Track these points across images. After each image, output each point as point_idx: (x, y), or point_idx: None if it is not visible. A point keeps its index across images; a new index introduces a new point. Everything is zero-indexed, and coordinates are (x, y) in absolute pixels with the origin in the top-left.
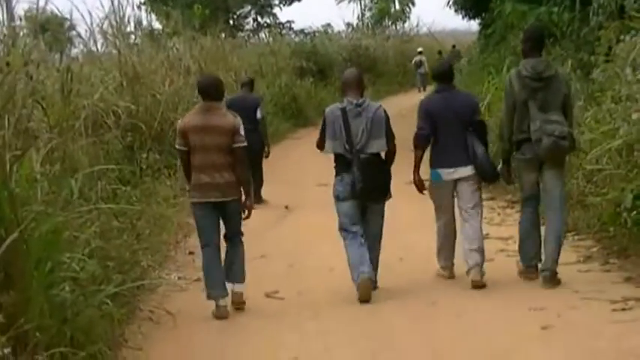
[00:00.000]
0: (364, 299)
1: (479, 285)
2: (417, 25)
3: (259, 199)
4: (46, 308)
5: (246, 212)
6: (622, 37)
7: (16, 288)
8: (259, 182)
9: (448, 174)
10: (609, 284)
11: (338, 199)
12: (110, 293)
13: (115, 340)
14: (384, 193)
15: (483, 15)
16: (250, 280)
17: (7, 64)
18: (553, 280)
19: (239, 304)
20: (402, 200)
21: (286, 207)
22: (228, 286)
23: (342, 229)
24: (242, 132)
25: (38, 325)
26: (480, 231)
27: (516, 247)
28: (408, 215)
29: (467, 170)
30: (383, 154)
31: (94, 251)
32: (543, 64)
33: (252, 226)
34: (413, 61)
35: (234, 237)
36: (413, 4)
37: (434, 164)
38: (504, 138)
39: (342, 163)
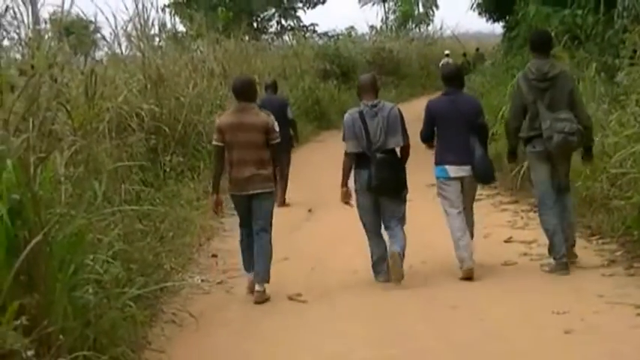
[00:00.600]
0: (398, 276)
1: (470, 276)
2: (441, 28)
3: (282, 202)
4: (69, 310)
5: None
6: None
7: (40, 290)
8: (284, 183)
9: (454, 171)
10: (634, 288)
11: (358, 193)
12: (133, 296)
13: (138, 342)
14: (399, 188)
15: (507, 18)
16: (273, 282)
17: (32, 66)
18: (571, 256)
19: (260, 299)
20: (423, 201)
21: (309, 210)
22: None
23: (363, 225)
24: (277, 129)
25: (61, 327)
26: (471, 226)
27: (540, 250)
28: (427, 215)
29: (469, 169)
30: (398, 151)
31: (117, 254)
32: (548, 65)
33: (276, 228)
34: (440, 64)
35: (261, 230)
36: (437, 6)
37: (439, 161)
38: (510, 135)
39: (361, 160)
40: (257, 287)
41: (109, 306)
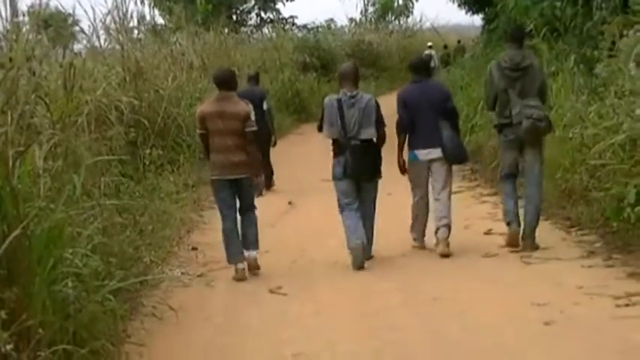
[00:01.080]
0: (358, 266)
1: (446, 255)
2: (421, 20)
3: (270, 186)
4: (48, 304)
5: (257, 188)
6: (625, 32)
7: (19, 284)
8: (269, 170)
9: (423, 155)
10: (613, 280)
11: (335, 178)
12: (113, 289)
13: (118, 336)
14: (374, 174)
15: (486, 10)
16: (253, 275)
17: (10, 59)
18: (532, 246)
19: (254, 269)
20: (405, 195)
21: (290, 203)
22: (245, 252)
23: (339, 205)
24: (253, 118)
25: (41, 321)
26: (448, 208)
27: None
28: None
29: (439, 152)
30: (375, 140)
31: (96, 247)
32: (520, 56)
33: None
34: (423, 55)
35: (248, 209)
36: None
37: (411, 146)
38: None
39: (338, 147)
40: (253, 253)
41: (89, 299)
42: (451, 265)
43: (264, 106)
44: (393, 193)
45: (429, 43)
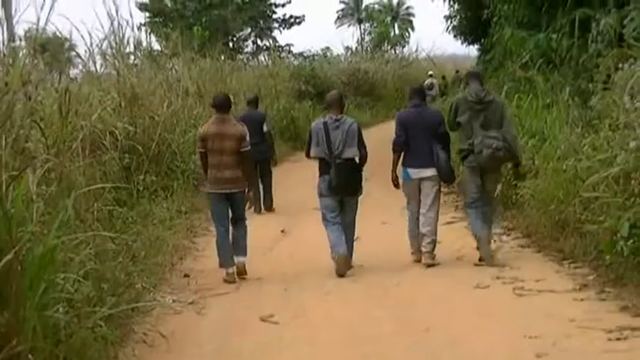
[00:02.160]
0: (340, 273)
1: (432, 265)
2: (417, 50)
3: (270, 207)
4: (39, 330)
5: (248, 202)
6: (620, 65)
7: (10, 309)
8: (269, 192)
9: (415, 173)
10: (605, 313)
11: (320, 195)
12: (104, 315)
13: None
14: (356, 190)
15: (482, 41)
16: (245, 303)
17: (6, 84)
18: (491, 260)
19: (242, 273)
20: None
21: (282, 231)
22: (234, 258)
23: (324, 219)
24: (248, 139)
25: (31, 346)
26: (435, 224)
27: (513, 273)
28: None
29: (430, 171)
30: (357, 159)
31: (88, 273)
32: (484, 92)
33: (248, 249)
34: (424, 84)
35: (239, 220)
36: (412, 28)
37: (405, 164)
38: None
39: (324, 166)
40: (242, 259)
41: (80, 325)
42: (444, 295)
43: (265, 129)
44: (388, 222)
45: (430, 72)
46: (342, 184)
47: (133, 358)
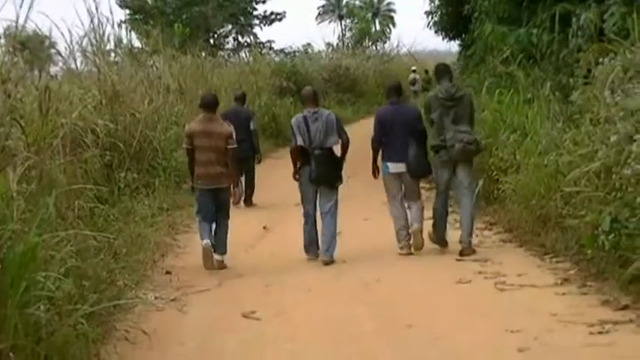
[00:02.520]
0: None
1: (419, 246)
2: (398, 46)
3: (250, 203)
4: (20, 327)
5: (234, 197)
6: (601, 59)
7: None
8: (251, 187)
9: (394, 167)
10: (586, 307)
11: (300, 184)
12: (86, 313)
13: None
14: (335, 179)
15: (463, 36)
16: (227, 299)
17: None
18: (468, 250)
19: (220, 268)
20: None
21: (264, 227)
22: (214, 255)
23: (304, 212)
24: (234, 137)
25: (12, 344)
26: (421, 213)
27: (494, 268)
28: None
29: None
30: (337, 150)
31: (70, 270)
32: (454, 88)
33: (230, 246)
34: (408, 79)
35: (223, 217)
36: (393, 24)
37: (385, 159)
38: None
39: (304, 157)
40: (217, 257)
41: (61, 323)
42: (426, 291)
43: (252, 126)
44: (369, 218)
45: (413, 67)
46: (322, 174)
47: (114, 355)
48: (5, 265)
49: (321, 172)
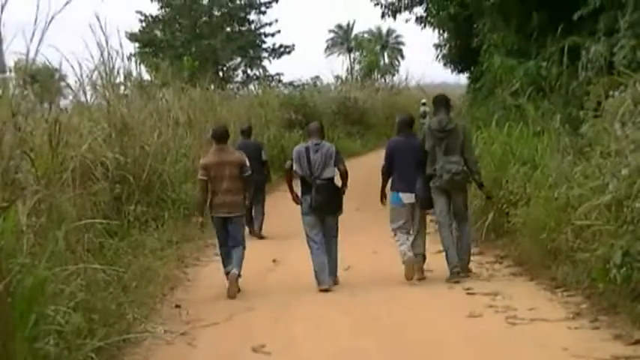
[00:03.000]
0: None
1: (421, 279)
2: (406, 78)
3: (259, 235)
4: None
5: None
6: (611, 92)
7: (0, 340)
8: (260, 218)
9: (407, 198)
10: (599, 342)
11: (303, 213)
12: (95, 347)
13: None
14: (335, 208)
15: (472, 69)
16: (237, 333)
17: None
18: (467, 273)
19: (235, 283)
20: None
21: (274, 261)
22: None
23: (308, 240)
24: (248, 164)
25: None
26: (424, 242)
27: (505, 302)
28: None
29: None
30: (337, 180)
31: (79, 304)
32: (446, 120)
33: (240, 279)
34: (420, 112)
35: (238, 244)
36: (402, 57)
37: (394, 188)
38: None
39: (305, 187)
40: (235, 271)
41: (70, 357)
42: (436, 324)
43: (264, 157)
44: (378, 251)
45: (423, 100)
46: (323, 203)
47: None
48: (15, 298)
49: (321, 201)
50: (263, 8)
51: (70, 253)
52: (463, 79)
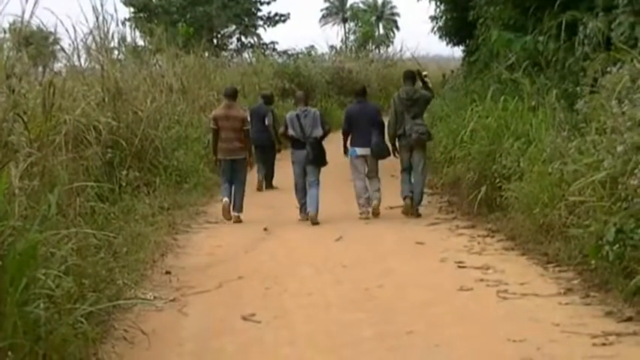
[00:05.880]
0: (314, 223)
1: (377, 213)
2: (401, 50)
3: (270, 185)
4: (19, 325)
5: (249, 166)
6: (608, 68)
7: None
8: (271, 173)
9: (360, 151)
10: (590, 318)
11: (294, 163)
12: (85, 312)
13: (88, 359)
14: (322, 160)
15: (467, 42)
16: (227, 302)
17: None
18: (416, 214)
19: (237, 220)
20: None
21: (265, 229)
22: (232, 213)
23: (296, 184)
24: (249, 119)
25: (11, 343)
26: (378, 186)
27: (496, 276)
28: (389, 246)
29: (369, 150)
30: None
31: (70, 268)
32: (412, 91)
33: (231, 247)
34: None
35: (239, 181)
36: (397, 28)
37: (352, 145)
38: (390, 133)
39: (297, 144)
40: (236, 214)
41: (61, 322)
42: (427, 298)
43: (266, 122)
44: (371, 222)
45: (425, 72)
46: (316, 157)
47: (113, 355)
48: (5, 262)
49: (315, 154)
50: None
51: (61, 216)
52: (457, 51)
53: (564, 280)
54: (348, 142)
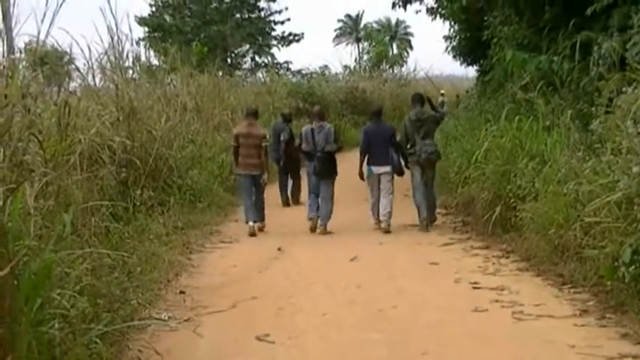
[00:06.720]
0: (313, 230)
1: (388, 231)
2: (415, 70)
3: (297, 201)
4: (34, 345)
5: (264, 183)
6: (623, 88)
7: (5, 324)
8: (298, 188)
9: (377, 170)
10: (605, 340)
11: (308, 175)
12: (100, 332)
13: None
14: (332, 173)
15: (481, 62)
16: (241, 322)
17: (5, 96)
18: (430, 223)
19: (261, 230)
20: (402, 250)
21: (279, 249)
22: (253, 223)
23: (309, 192)
24: (267, 137)
25: None
26: (390, 204)
27: (511, 297)
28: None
29: (386, 168)
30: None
31: (84, 288)
32: (422, 112)
33: (244, 267)
34: (438, 101)
35: (259, 195)
36: (411, 48)
37: (369, 164)
38: (404, 152)
39: (309, 156)
40: (258, 225)
41: (75, 342)
42: (441, 319)
43: (281, 137)
44: (384, 242)
45: (442, 91)
46: (323, 169)
47: None
48: (20, 281)
49: (322, 168)
50: None
51: (76, 236)
52: (471, 71)
53: (580, 302)
54: (365, 162)
